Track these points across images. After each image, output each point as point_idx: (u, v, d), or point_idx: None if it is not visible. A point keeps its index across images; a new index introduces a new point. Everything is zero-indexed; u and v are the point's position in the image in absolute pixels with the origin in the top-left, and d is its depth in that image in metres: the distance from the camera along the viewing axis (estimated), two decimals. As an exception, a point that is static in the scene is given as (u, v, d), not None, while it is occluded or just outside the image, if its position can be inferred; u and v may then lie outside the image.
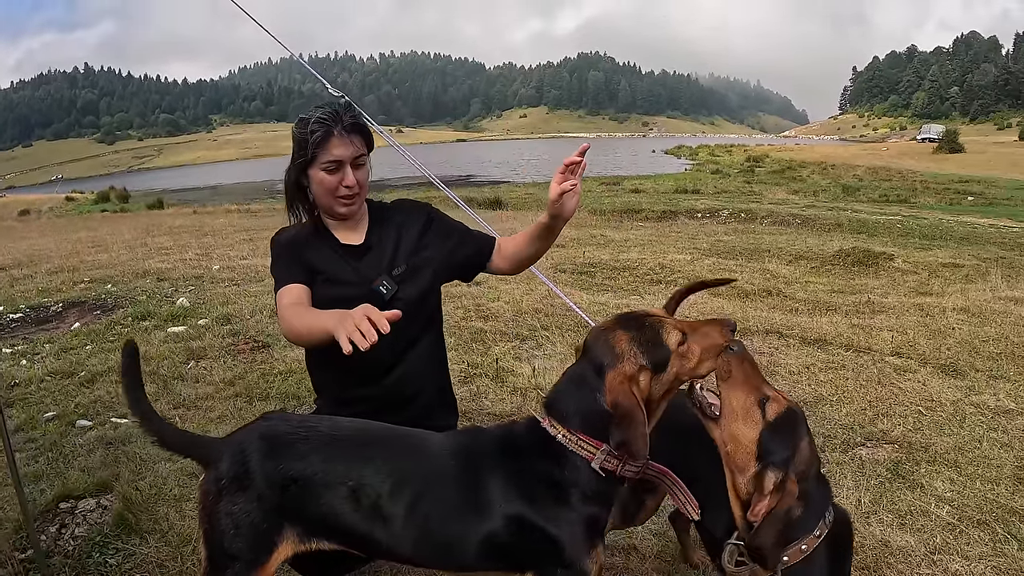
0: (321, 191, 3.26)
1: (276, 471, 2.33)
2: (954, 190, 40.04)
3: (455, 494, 2.32)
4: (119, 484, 4.16)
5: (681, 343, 2.32)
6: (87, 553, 3.55)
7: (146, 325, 7.73)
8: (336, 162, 3.19)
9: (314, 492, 2.32)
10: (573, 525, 2.28)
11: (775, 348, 6.83)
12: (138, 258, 12.40)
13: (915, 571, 3.51)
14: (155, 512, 3.93)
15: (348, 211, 3.33)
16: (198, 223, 21.03)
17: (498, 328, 7.39)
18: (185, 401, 5.63)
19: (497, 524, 2.28)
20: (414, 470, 2.37)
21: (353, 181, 3.24)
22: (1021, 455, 4.67)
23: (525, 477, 2.31)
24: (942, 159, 69.40)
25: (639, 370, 2.27)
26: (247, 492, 2.32)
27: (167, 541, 3.67)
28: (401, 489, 2.31)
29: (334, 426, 2.49)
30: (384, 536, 2.33)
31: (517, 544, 2.30)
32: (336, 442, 2.42)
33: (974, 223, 19.96)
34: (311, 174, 3.24)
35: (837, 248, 12.71)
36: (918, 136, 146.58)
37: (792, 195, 33.31)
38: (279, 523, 2.34)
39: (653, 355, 2.29)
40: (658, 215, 19.97)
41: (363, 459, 2.37)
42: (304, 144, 3.19)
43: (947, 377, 6.16)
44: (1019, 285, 9.96)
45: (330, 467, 2.34)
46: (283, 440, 2.40)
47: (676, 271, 10.45)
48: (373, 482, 2.32)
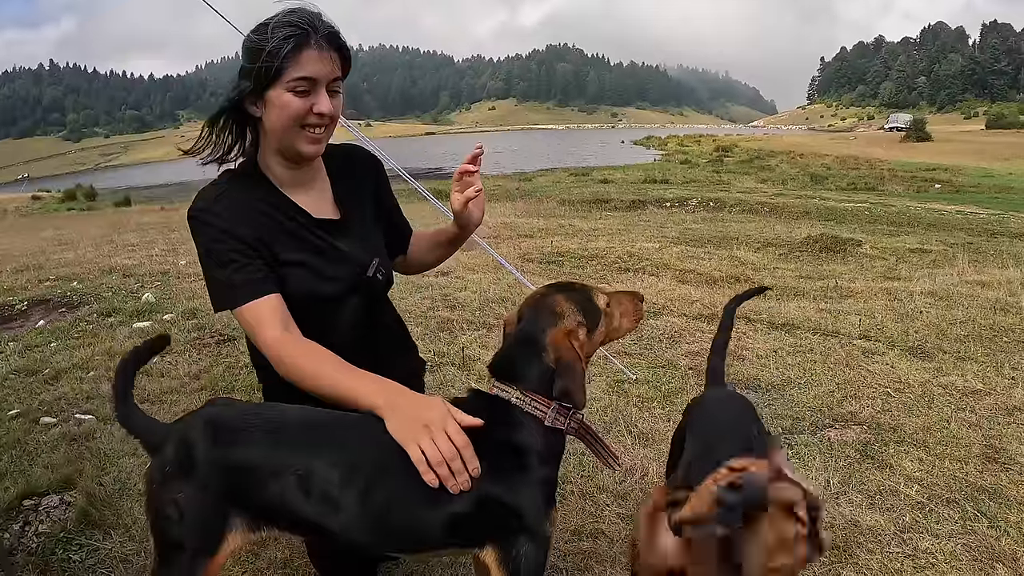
0: (283, 119, 2.40)
1: (221, 457, 2.20)
2: (921, 178, 40.42)
3: (412, 476, 2.17)
4: (83, 480, 4.08)
5: (608, 305, 2.46)
6: (51, 550, 3.49)
7: (111, 321, 7.61)
8: (309, 80, 2.37)
9: (261, 479, 2.20)
10: (532, 489, 2.22)
11: (743, 333, 6.81)
12: (104, 255, 12.21)
13: (885, 550, 3.50)
14: (119, 507, 3.85)
15: (314, 149, 2.52)
16: (165, 219, 20.84)
17: (465, 317, 7.33)
18: (150, 396, 5.51)
19: (460, 503, 2.17)
20: (365, 454, 2.26)
21: (329, 107, 2.44)
22: (989, 434, 4.68)
23: (480, 447, 2.20)
24: (909, 148, 69.87)
25: (577, 326, 2.33)
26: (192, 479, 2.19)
27: (131, 536, 3.60)
28: (352, 475, 2.20)
29: (281, 413, 2.34)
30: (336, 523, 2.20)
31: (477, 518, 2.20)
32: (284, 428, 2.28)
33: (941, 210, 20.11)
34: (270, 96, 2.39)
35: (805, 235, 12.75)
36: (886, 125, 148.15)
37: (761, 184, 33.48)
38: (226, 511, 2.22)
39: (588, 314, 2.39)
40: (627, 205, 19.97)
41: (311, 444, 2.25)
42: (267, 55, 2.32)
43: (915, 359, 6.16)
44: (986, 269, 10.02)
45: (277, 453, 2.22)
46: (228, 426, 2.25)
47: (644, 259, 10.43)
48: (322, 469, 2.20)
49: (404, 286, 8.12)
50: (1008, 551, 3.45)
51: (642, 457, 4.36)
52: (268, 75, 2.35)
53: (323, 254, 2.61)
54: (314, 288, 2.58)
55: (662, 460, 4.18)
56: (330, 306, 2.67)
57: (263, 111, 2.45)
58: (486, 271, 9.37)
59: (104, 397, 5.43)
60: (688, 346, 6.44)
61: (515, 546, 2.19)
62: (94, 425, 4.94)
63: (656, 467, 4.22)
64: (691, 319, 7.23)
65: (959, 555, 3.44)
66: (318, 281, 2.59)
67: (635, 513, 3.74)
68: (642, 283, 8.91)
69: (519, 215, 16.59)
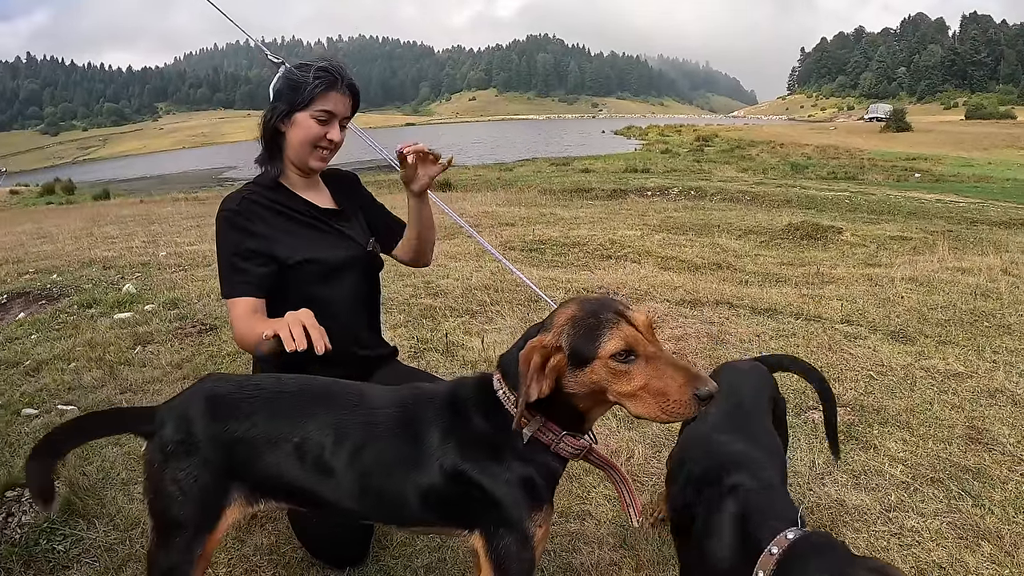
0: (302, 138, 3.20)
1: (222, 432, 2.27)
2: (901, 167, 40.56)
3: (395, 446, 2.27)
4: (65, 470, 4.06)
5: (618, 357, 2.06)
6: (34, 540, 3.48)
7: (92, 312, 7.60)
8: (329, 113, 3.19)
9: (260, 451, 2.27)
10: (511, 484, 2.23)
11: (726, 318, 6.84)
12: (84, 248, 12.17)
13: (871, 529, 3.54)
14: (102, 496, 3.87)
15: (319, 166, 3.33)
16: (145, 212, 20.73)
17: (448, 304, 7.34)
18: (132, 386, 5.54)
19: (435, 477, 2.24)
20: (356, 423, 2.31)
21: (338, 136, 3.27)
22: (972, 416, 4.73)
23: (462, 430, 2.26)
24: (889, 138, 70.05)
25: (554, 349, 2.11)
26: (193, 456, 2.26)
27: (115, 525, 3.61)
28: (343, 443, 2.27)
29: (277, 384, 2.41)
30: (329, 491, 2.29)
31: (457, 499, 2.26)
32: (279, 399, 2.35)
33: (921, 198, 20.16)
34: (297, 118, 3.18)
35: (786, 223, 12.80)
36: (866, 116, 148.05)
37: (741, 173, 33.55)
38: (226, 485, 2.29)
39: (576, 346, 2.10)
40: (608, 194, 19.97)
41: (306, 415, 2.31)
42: (302, 87, 3.14)
43: (897, 343, 6.21)
44: (966, 256, 10.06)
45: (274, 424, 2.29)
46: (226, 400, 2.33)
47: (626, 246, 10.44)
48: (316, 437, 2.27)
49: (387, 274, 8.09)
50: (993, 528, 3.49)
51: (627, 440, 4.38)
52: (301, 101, 3.14)
53: (331, 233, 3.35)
54: (327, 256, 3.27)
55: (647, 442, 4.22)
56: (337, 274, 3.32)
57: (288, 128, 3.21)
58: (468, 259, 9.39)
59: (86, 388, 5.45)
60: (671, 331, 6.47)
61: (497, 537, 2.23)
62: (77, 416, 4.91)
63: (641, 449, 4.24)
64: (674, 304, 7.25)
65: (944, 533, 3.48)
66: (330, 251, 3.30)
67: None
68: (624, 270, 8.95)
69: (500, 204, 16.59)
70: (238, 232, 3.13)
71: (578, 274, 8.60)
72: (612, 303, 2.16)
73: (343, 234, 3.40)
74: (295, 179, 3.37)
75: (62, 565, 3.33)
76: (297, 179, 3.37)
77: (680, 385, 2.01)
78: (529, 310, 7.12)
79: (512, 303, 7.29)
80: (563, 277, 8.34)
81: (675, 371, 2.04)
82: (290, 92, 3.16)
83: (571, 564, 3.26)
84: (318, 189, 3.47)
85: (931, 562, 3.27)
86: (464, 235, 6.96)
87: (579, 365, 2.10)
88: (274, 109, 3.19)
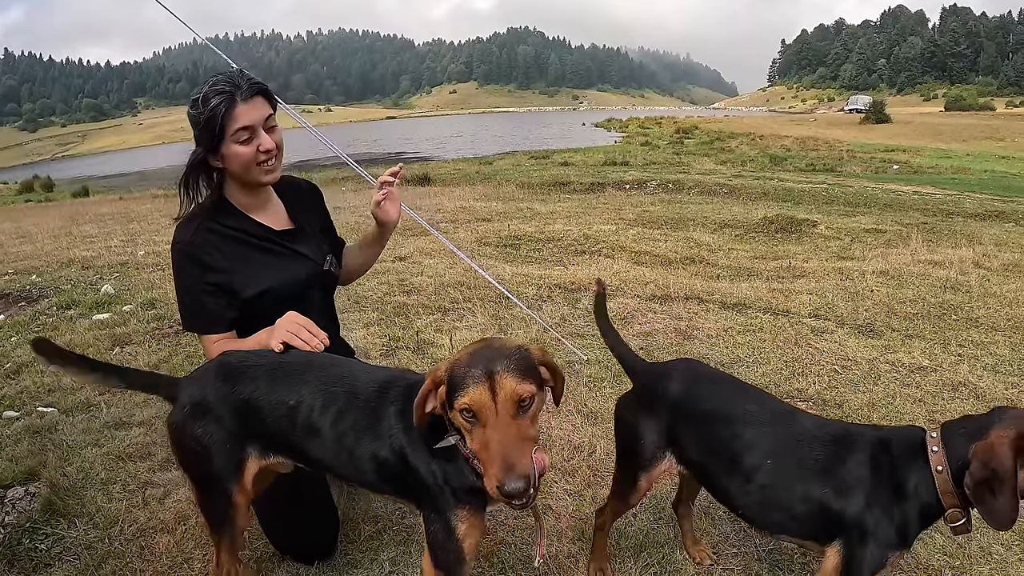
0: (240, 165, 3.10)
1: (231, 394, 2.65)
2: (880, 159, 40.72)
3: (366, 417, 2.51)
4: (46, 471, 4.11)
5: (463, 414, 2.14)
6: (16, 540, 3.52)
7: (71, 314, 7.59)
8: (247, 128, 3.04)
9: (263, 411, 2.63)
10: (436, 476, 2.41)
11: (694, 313, 6.90)
12: (63, 247, 12.13)
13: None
14: (83, 496, 3.91)
15: (272, 177, 3.22)
16: (124, 210, 20.61)
17: (420, 302, 7.37)
18: (112, 387, 5.52)
19: (388, 453, 2.47)
20: (342, 392, 2.58)
21: (271, 144, 3.12)
22: (933, 409, 4.81)
23: (408, 417, 2.39)
24: (869, 129, 70.29)
25: (440, 381, 2.23)
26: (208, 415, 2.63)
27: (95, 524, 3.66)
28: (328, 407, 2.56)
29: (279, 356, 2.79)
30: (316, 450, 2.60)
31: (402, 476, 2.48)
32: (281, 367, 2.71)
33: (898, 190, 20.25)
34: (224, 152, 3.07)
35: (762, 216, 12.87)
36: (846, 107, 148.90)
37: (720, 165, 33.61)
38: (241, 441, 2.65)
39: (449, 387, 2.20)
40: (586, 187, 19.98)
41: (302, 382, 2.64)
42: (209, 122, 2.99)
43: (863, 337, 6.28)
44: (939, 249, 10.13)
45: (275, 388, 2.64)
46: (236, 368, 2.72)
47: (601, 241, 10.49)
48: (308, 400, 2.59)
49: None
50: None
51: (591, 436, 4.44)
52: (215, 136, 3.02)
53: (286, 256, 3.33)
54: (284, 280, 3.29)
55: (609, 438, 4.26)
56: (298, 295, 3.32)
57: (222, 162, 3.13)
58: (442, 256, 9.40)
59: (65, 389, 5.45)
60: (640, 326, 6.53)
61: (430, 521, 2.43)
62: (56, 417, 4.96)
63: (603, 444, 4.30)
64: (644, 300, 7.30)
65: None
66: (286, 275, 3.31)
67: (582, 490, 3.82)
68: (598, 265, 8.99)
69: (478, 199, 16.59)
70: (196, 267, 3.12)
71: (551, 270, 8.64)
72: (494, 359, 2.16)
73: (297, 254, 3.38)
74: (244, 201, 3.30)
75: (44, 564, 3.38)
76: (246, 200, 3.31)
77: (493, 472, 2.05)
78: (500, 307, 7.16)
79: (484, 300, 7.34)
80: (536, 273, 8.37)
81: (495, 455, 2.05)
82: (202, 132, 3.05)
83: (531, 556, 3.32)
84: (269, 206, 3.41)
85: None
86: (440, 232, 7.04)
87: (450, 406, 2.19)
88: (200, 152, 3.10)
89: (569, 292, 7.64)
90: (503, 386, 2.10)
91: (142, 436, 4.63)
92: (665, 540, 3.48)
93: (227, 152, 3.07)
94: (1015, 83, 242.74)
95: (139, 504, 3.83)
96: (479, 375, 2.11)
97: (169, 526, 3.62)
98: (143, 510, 3.77)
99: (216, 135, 3.02)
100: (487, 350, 2.19)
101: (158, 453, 4.39)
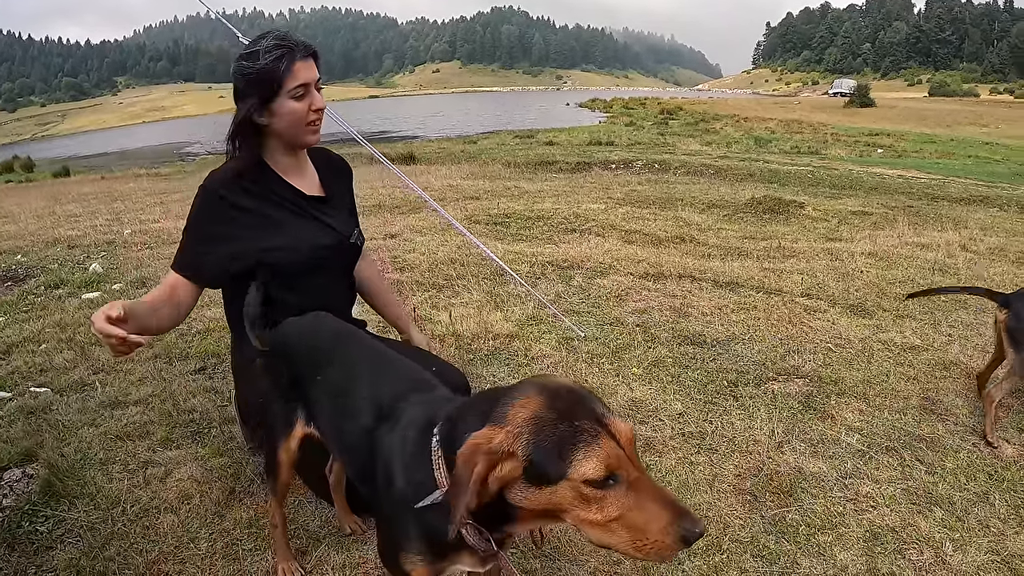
0: (291, 121, 3.13)
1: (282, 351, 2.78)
2: (864, 142, 40.65)
3: (365, 411, 2.29)
4: (43, 452, 4.07)
5: (592, 483, 1.64)
6: (16, 523, 3.49)
7: (60, 293, 7.52)
8: (303, 86, 3.09)
9: (303, 379, 2.61)
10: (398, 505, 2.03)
11: (688, 291, 6.92)
12: (47, 227, 11.98)
13: (828, 494, 3.65)
14: (82, 477, 3.86)
15: (316, 138, 3.28)
16: (107, 189, 20.37)
17: (415, 279, 7.36)
18: (104, 366, 5.48)
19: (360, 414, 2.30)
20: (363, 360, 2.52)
21: (323, 103, 3.21)
22: (927, 387, 4.86)
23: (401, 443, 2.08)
24: (853, 113, 70.26)
25: (507, 455, 1.67)
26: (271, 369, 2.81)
27: (96, 504, 3.62)
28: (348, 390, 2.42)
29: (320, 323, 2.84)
30: (323, 423, 2.56)
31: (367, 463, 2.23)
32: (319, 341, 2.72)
33: (883, 174, 20.24)
34: (276, 107, 3.09)
35: (749, 197, 12.86)
36: (830, 91, 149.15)
37: (705, 147, 33.50)
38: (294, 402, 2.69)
39: (538, 459, 1.66)
40: (572, 167, 19.87)
41: (332, 361, 2.57)
42: (267, 75, 3.02)
43: (855, 317, 6.32)
44: (925, 232, 10.17)
45: (312, 359, 2.63)
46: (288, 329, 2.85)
47: (591, 219, 10.48)
48: (332, 375, 2.51)
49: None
50: (945, 495, 3.63)
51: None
52: (271, 91, 3.04)
53: (316, 220, 3.34)
54: (303, 244, 3.28)
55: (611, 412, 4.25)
56: (317, 262, 3.33)
57: (269, 119, 3.12)
58: (434, 233, 9.39)
59: (57, 369, 5.41)
60: (635, 304, 6.54)
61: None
62: (50, 397, 4.91)
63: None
64: (637, 278, 7.31)
65: (898, 499, 3.61)
66: (307, 239, 3.29)
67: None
68: (589, 243, 8.96)
69: (464, 178, 16.52)
70: (213, 211, 3.15)
71: (543, 248, 8.64)
72: (589, 401, 1.73)
73: (323, 222, 3.37)
74: (282, 163, 3.31)
75: (46, 546, 3.34)
76: (284, 162, 3.32)
77: (664, 525, 1.62)
78: (495, 283, 7.16)
79: (478, 276, 7.34)
80: (528, 251, 8.37)
81: (661, 506, 1.64)
82: (255, 86, 3.05)
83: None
84: (305, 171, 3.43)
85: (885, 526, 3.40)
86: (429, 209, 7.02)
87: (538, 483, 1.68)
88: (248, 107, 3.08)
89: (562, 269, 7.63)
90: (621, 429, 1.70)
91: (139, 415, 4.58)
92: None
93: (280, 108, 3.10)
94: (999, 70, 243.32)
95: (140, 484, 3.80)
96: (591, 427, 1.66)
97: (173, 505, 3.59)
98: (144, 490, 3.74)
99: (273, 89, 3.05)
100: (561, 395, 1.73)
101: (157, 432, 4.35)
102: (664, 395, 4.76)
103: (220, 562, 3.19)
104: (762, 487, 3.72)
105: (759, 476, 3.81)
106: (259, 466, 3.77)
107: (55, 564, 3.20)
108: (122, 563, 3.19)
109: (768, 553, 3.24)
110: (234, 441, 4.23)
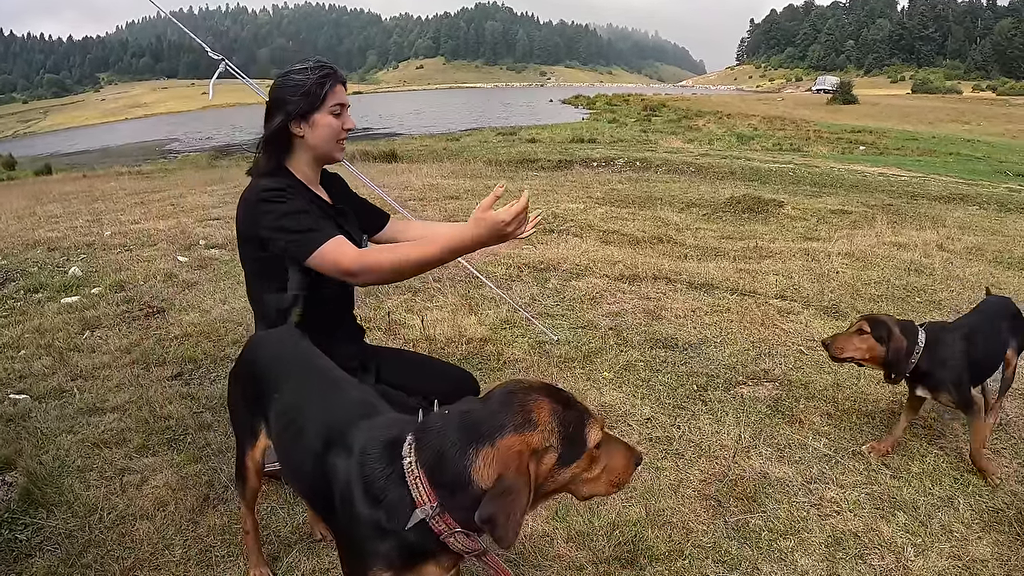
0: (326, 135, 3.33)
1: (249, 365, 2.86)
2: (847, 140, 40.68)
3: (312, 435, 2.31)
4: (22, 459, 4.08)
5: (597, 446, 2.00)
6: (-3, 531, 3.52)
7: (38, 297, 7.51)
8: (341, 106, 3.33)
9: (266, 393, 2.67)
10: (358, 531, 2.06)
11: (662, 293, 6.98)
12: (28, 228, 11.90)
13: (792, 499, 3.70)
14: (60, 484, 3.89)
15: (342, 155, 3.50)
16: (88, 188, 20.17)
17: (391, 282, 7.37)
18: (83, 372, 5.50)
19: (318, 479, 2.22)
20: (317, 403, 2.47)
21: (354, 124, 3.45)
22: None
23: (359, 468, 2.07)
24: (836, 110, 70.29)
25: (546, 449, 1.90)
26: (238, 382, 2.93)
27: (74, 512, 3.65)
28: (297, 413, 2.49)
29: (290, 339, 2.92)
30: (276, 443, 2.65)
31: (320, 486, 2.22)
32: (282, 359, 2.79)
33: (864, 172, 20.31)
34: (316, 119, 3.29)
35: (729, 195, 12.94)
36: (813, 87, 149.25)
37: (687, 144, 33.57)
38: (255, 414, 2.77)
39: (568, 443, 1.93)
40: (553, 164, 19.92)
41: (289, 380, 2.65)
42: (316, 88, 3.25)
43: (829, 318, 6.38)
44: (903, 231, 10.24)
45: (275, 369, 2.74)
46: (258, 343, 2.97)
47: (569, 220, 10.53)
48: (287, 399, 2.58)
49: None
50: (909, 499, 3.69)
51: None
52: (315, 103, 3.25)
53: (340, 228, 3.30)
54: None
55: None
56: None
57: (307, 131, 3.30)
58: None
59: (36, 375, 5.41)
60: (609, 307, 6.61)
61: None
62: (29, 404, 4.92)
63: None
64: (612, 280, 7.37)
65: (863, 503, 3.67)
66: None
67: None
68: (566, 244, 9.01)
69: (446, 176, 16.50)
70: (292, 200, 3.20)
71: (520, 249, 8.66)
72: (565, 393, 2.03)
73: (343, 230, 3.36)
74: (308, 175, 3.47)
75: (25, 554, 3.37)
76: (309, 174, 3.48)
77: (627, 462, 2.11)
78: (470, 287, 7.20)
79: (454, 280, 7.37)
80: (504, 252, 8.40)
81: (624, 449, 2.11)
82: (302, 97, 3.25)
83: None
84: (319, 187, 3.57)
85: (847, 531, 3.45)
86: (408, 211, 7.07)
87: (569, 462, 1.95)
88: (287, 113, 3.26)
89: (539, 271, 7.70)
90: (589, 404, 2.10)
91: (116, 422, 4.61)
92: (637, 519, 3.54)
93: (319, 120, 3.30)
94: (982, 67, 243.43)
95: (117, 491, 3.83)
96: (583, 407, 2.02)
97: (148, 512, 3.62)
98: (121, 497, 3.77)
99: (317, 103, 3.26)
100: (553, 391, 2.00)
101: (133, 439, 4.38)
102: (634, 399, 4.81)
103: (194, 568, 3.23)
104: (726, 492, 3.76)
105: (724, 481, 3.86)
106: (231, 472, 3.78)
107: (34, 572, 3.22)
108: (99, 570, 3.23)
109: (730, 559, 3.29)
110: (209, 448, 4.27)
